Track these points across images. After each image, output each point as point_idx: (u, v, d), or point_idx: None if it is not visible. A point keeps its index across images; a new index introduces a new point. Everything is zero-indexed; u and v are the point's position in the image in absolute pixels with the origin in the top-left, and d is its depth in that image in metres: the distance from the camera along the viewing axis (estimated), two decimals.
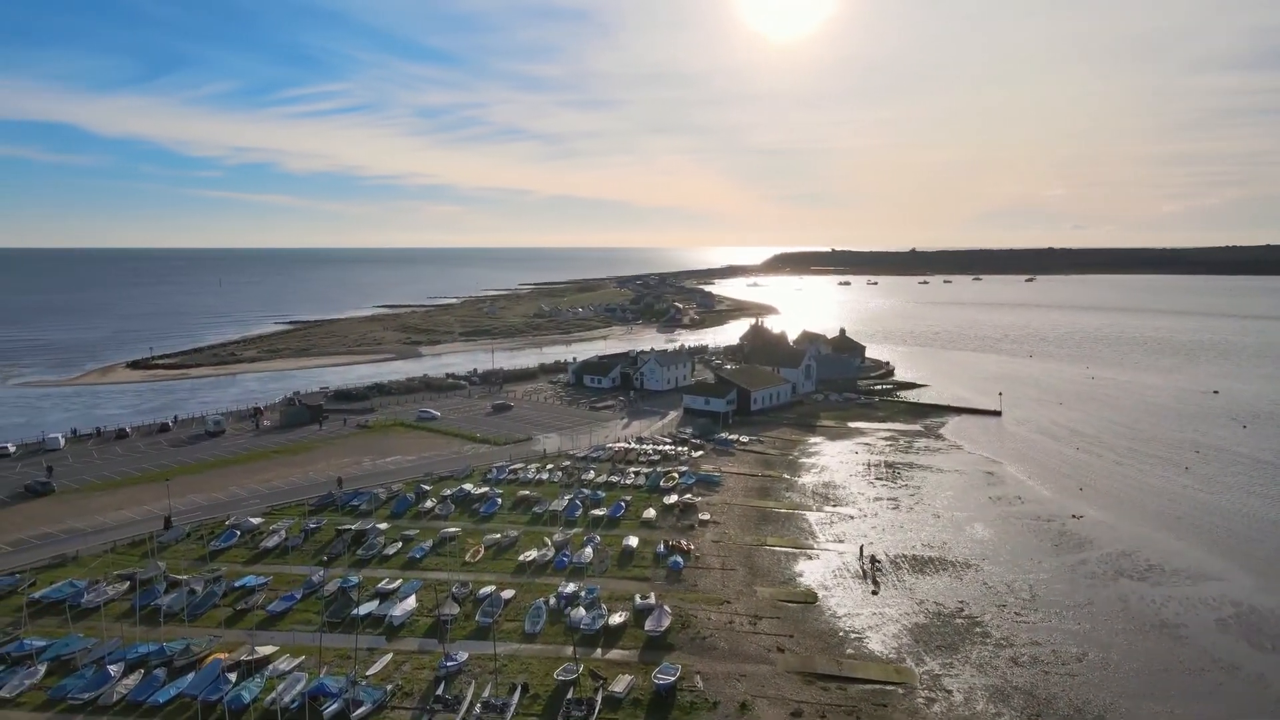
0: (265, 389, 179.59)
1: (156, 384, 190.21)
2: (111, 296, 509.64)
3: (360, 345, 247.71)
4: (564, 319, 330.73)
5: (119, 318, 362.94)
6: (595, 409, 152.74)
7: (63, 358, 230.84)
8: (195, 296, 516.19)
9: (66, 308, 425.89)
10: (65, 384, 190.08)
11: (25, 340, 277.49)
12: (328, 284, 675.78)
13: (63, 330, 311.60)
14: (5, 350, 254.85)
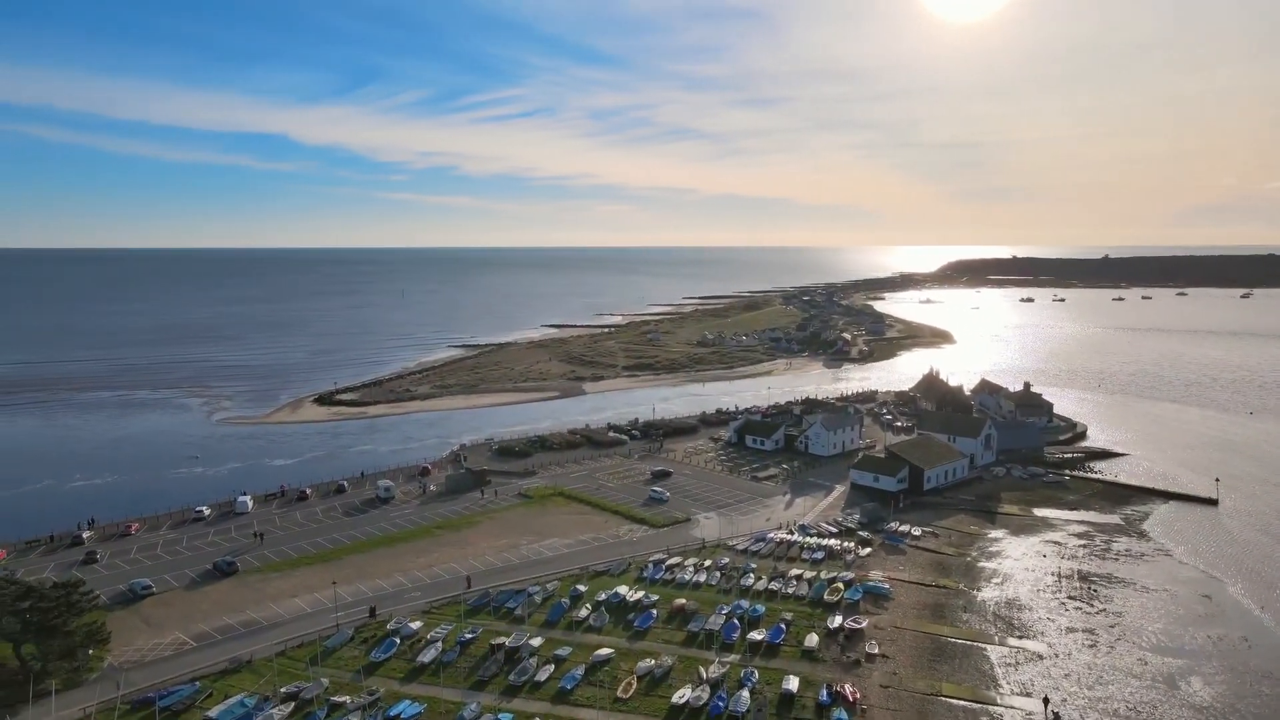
0: (436, 434, 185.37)
1: (339, 424, 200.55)
2: (307, 309, 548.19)
3: (526, 380, 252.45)
4: (727, 348, 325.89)
5: (312, 335, 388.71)
6: (757, 479, 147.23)
7: (261, 388, 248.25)
8: (380, 310, 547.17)
9: (269, 321, 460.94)
10: (260, 421, 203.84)
11: (232, 363, 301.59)
12: (499, 295, 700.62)
13: (264, 349, 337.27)
14: (217, 373, 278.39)
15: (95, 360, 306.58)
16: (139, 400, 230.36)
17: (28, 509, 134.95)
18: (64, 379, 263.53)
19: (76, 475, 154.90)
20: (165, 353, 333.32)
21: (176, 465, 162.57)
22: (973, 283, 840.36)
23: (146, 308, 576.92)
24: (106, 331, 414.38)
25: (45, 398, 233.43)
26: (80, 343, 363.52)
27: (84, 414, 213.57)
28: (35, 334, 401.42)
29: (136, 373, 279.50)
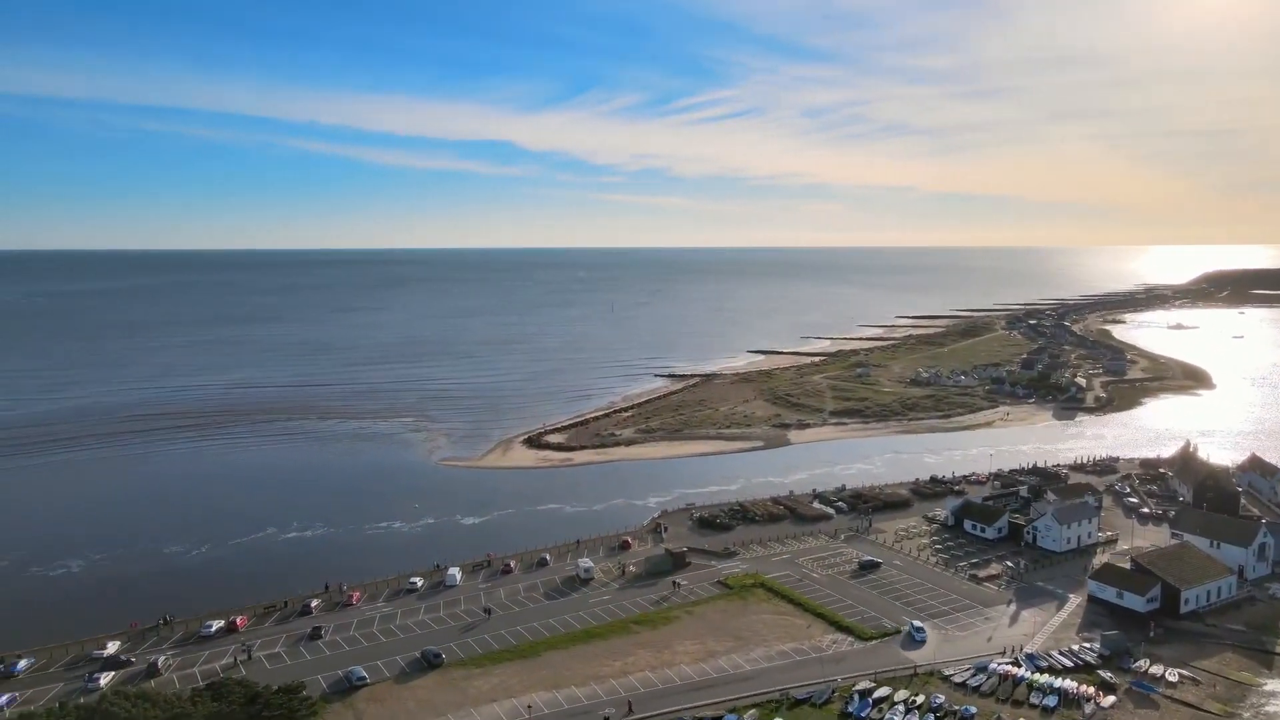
0: (639, 489, 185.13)
1: (546, 471, 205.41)
2: (525, 324, 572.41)
3: (730, 425, 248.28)
4: (943, 387, 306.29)
5: (529, 354, 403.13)
6: (977, 579, 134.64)
7: (476, 422, 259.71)
8: (591, 326, 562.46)
9: (492, 337, 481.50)
10: (474, 465, 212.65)
11: (455, 387, 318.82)
12: (707, 309, 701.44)
13: (484, 370, 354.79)
14: (441, 399, 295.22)
15: (336, 382, 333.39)
16: (368, 433, 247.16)
17: (255, 561, 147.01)
18: (307, 404, 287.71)
19: (295, 524, 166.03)
20: (398, 373, 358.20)
21: (399, 513, 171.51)
22: (1233, 300, 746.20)
23: (390, 319, 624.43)
24: (351, 345, 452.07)
25: (288, 426, 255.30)
26: (329, 360, 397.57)
27: (315, 446, 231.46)
28: (291, 348, 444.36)
29: (370, 397, 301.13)
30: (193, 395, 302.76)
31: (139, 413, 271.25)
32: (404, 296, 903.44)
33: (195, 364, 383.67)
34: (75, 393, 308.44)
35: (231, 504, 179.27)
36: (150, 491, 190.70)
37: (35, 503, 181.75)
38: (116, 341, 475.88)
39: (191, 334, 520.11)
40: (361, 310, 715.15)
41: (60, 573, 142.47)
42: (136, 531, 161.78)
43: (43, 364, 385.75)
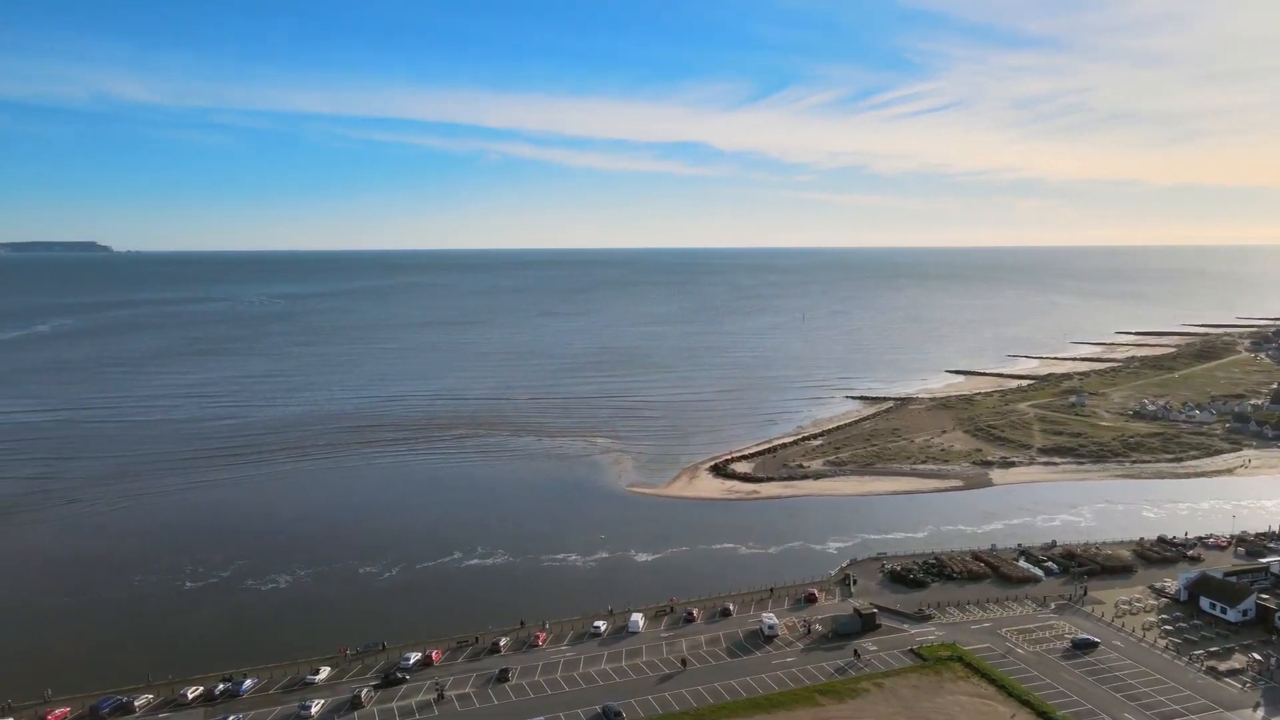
0: (827, 529, 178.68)
1: (731, 504, 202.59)
2: (718, 334, 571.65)
3: (926, 459, 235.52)
4: (1173, 423, 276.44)
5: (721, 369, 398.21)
6: (1216, 672, 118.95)
7: (665, 444, 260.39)
8: (782, 337, 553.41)
9: (684, 346, 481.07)
10: (661, 493, 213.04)
11: (647, 404, 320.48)
12: (904, 320, 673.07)
13: (677, 384, 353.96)
14: (632, 415, 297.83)
15: (533, 393, 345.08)
16: (560, 453, 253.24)
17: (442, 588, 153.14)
18: (504, 418, 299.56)
19: (480, 549, 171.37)
20: (592, 385, 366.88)
21: (577, 544, 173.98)
22: None
23: (586, 325, 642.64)
24: (548, 353, 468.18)
25: (484, 443, 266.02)
26: (528, 368, 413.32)
27: (508, 464, 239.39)
28: (492, 356, 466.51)
29: (564, 412, 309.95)
30: (401, 405, 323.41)
31: (350, 424, 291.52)
32: (601, 301, 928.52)
33: (405, 370, 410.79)
34: (298, 400, 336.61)
35: (423, 523, 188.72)
36: (352, 505, 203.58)
37: (256, 513, 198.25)
38: (339, 346, 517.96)
39: (404, 338, 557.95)
40: (560, 315, 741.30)
41: (270, 588, 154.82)
42: (337, 548, 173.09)
43: (274, 368, 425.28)
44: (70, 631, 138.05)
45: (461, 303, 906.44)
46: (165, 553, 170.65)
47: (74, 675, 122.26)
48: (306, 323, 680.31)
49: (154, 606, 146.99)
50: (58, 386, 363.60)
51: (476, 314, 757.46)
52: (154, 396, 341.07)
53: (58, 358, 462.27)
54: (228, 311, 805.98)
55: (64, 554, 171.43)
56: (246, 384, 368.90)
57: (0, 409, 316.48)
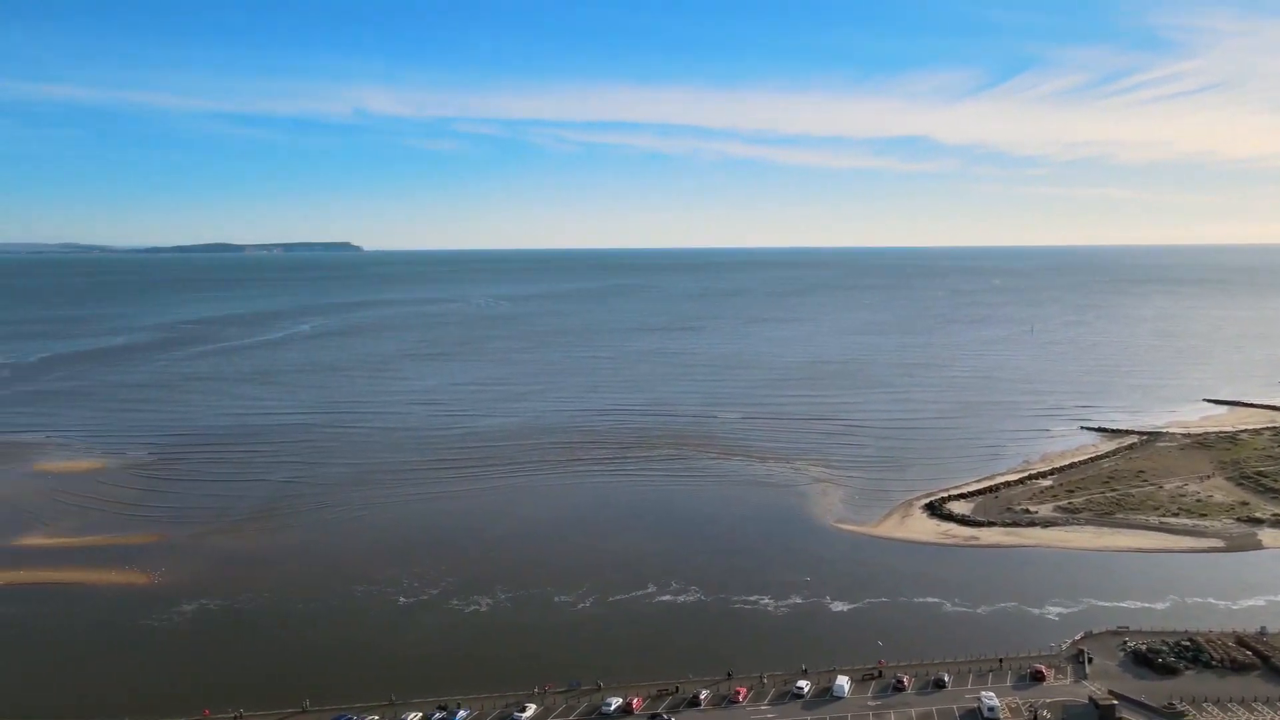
0: (1055, 591, 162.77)
1: (946, 550, 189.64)
2: (936, 345, 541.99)
3: (1177, 509, 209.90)
4: None
5: (939, 387, 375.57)
6: None
7: (879, 473, 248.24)
8: (1007, 351, 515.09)
9: (901, 361, 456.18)
10: (870, 531, 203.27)
11: (859, 423, 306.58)
12: (1154, 335, 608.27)
13: (895, 401, 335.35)
14: (844, 437, 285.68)
15: (743, 409, 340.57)
16: (766, 478, 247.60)
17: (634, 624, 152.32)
18: (711, 436, 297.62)
19: (673, 584, 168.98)
20: (803, 401, 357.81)
21: (770, 585, 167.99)
22: None
23: (798, 333, 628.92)
24: (758, 363, 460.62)
25: (691, 465, 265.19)
26: (738, 381, 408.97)
27: (711, 488, 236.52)
28: (702, 365, 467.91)
29: (773, 431, 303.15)
30: (610, 419, 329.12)
31: (561, 438, 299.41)
32: (811, 306, 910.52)
33: (617, 380, 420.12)
34: (514, 410, 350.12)
35: (621, 550, 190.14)
36: (554, 526, 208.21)
37: (466, 529, 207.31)
38: (556, 352, 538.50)
39: (617, 344, 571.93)
40: (770, 322, 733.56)
41: (472, 610, 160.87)
42: (536, 572, 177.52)
43: (495, 375, 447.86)
44: (295, 639, 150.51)
45: (674, 307, 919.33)
46: (387, 564, 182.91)
47: (291, 684, 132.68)
48: (527, 326, 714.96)
49: (372, 620, 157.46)
50: (310, 390, 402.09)
51: (688, 319, 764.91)
52: (390, 402, 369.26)
53: (311, 359, 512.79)
54: (457, 313, 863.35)
55: (308, 559, 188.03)
56: (469, 391, 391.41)
57: (267, 410, 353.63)
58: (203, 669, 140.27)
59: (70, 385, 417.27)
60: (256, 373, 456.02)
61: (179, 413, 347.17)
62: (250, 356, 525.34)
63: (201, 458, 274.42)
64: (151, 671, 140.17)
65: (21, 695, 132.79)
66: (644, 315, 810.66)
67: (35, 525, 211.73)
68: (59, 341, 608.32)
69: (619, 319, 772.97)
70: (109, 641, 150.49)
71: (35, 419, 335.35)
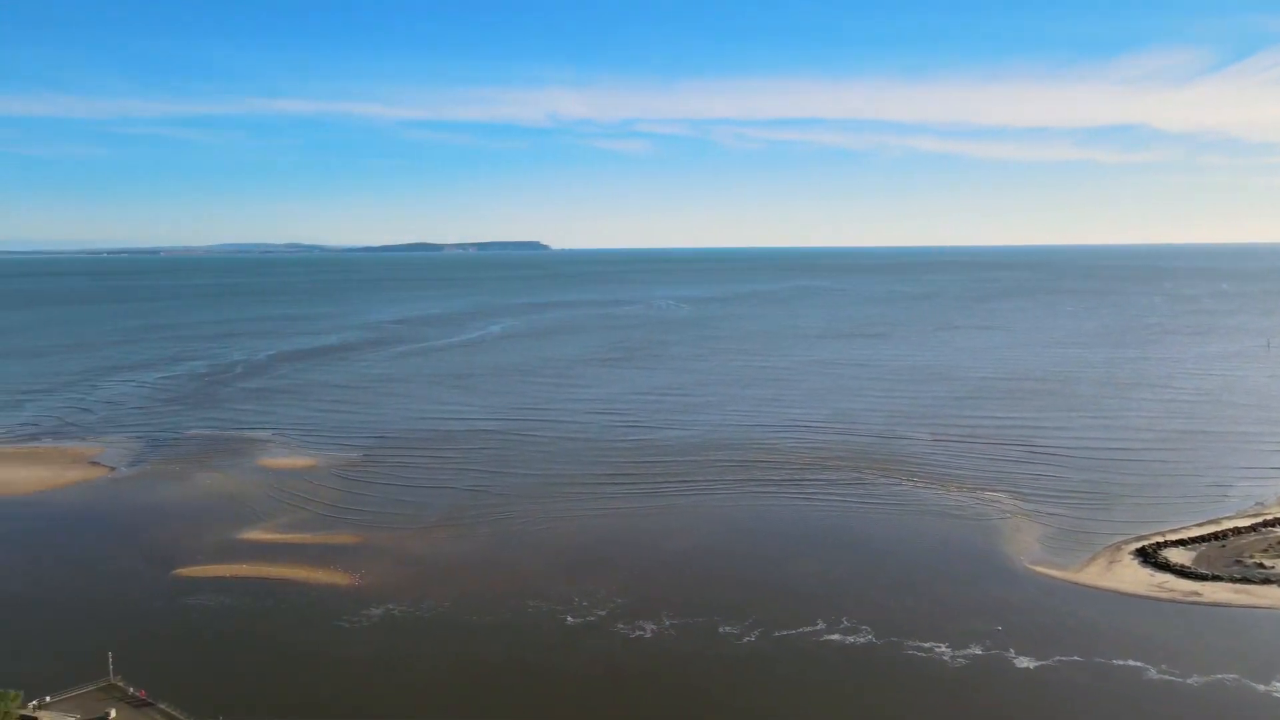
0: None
1: (1154, 604, 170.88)
2: (1151, 360, 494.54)
3: None
4: None
5: (1155, 412, 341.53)
6: None
7: (1080, 514, 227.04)
8: (1238, 371, 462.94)
9: (1110, 377, 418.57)
10: (1070, 578, 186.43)
11: (1058, 453, 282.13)
12: None
13: (1097, 430, 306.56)
14: (1035, 463, 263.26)
15: (930, 427, 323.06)
16: (953, 509, 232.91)
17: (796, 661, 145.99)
18: (895, 458, 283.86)
19: (844, 622, 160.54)
20: (996, 421, 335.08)
21: (948, 631, 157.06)
22: None
23: (993, 343, 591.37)
24: (950, 375, 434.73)
25: (873, 489, 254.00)
26: (925, 394, 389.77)
27: (892, 517, 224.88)
28: (888, 376, 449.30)
29: (963, 453, 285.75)
30: (788, 435, 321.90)
31: (736, 454, 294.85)
32: (1008, 312, 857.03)
33: (797, 392, 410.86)
34: (691, 423, 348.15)
35: (791, 580, 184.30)
36: (724, 549, 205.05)
37: (638, 548, 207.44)
38: (736, 359, 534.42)
39: (798, 352, 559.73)
40: (962, 329, 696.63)
41: (637, 635, 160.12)
42: (702, 598, 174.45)
43: (673, 383, 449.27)
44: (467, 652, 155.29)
45: (858, 311, 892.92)
46: (560, 580, 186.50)
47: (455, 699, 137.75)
48: (708, 330, 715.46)
49: (539, 639, 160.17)
50: (498, 395, 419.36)
51: (873, 325, 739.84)
52: (571, 410, 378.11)
53: (500, 361, 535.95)
54: (639, 316, 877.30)
55: (488, 570, 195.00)
56: (647, 401, 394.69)
57: (458, 414, 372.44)
58: (379, 676, 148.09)
59: (291, 383, 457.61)
60: (450, 374, 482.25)
61: (381, 414, 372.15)
62: (445, 358, 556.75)
63: (399, 460, 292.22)
64: (337, 674, 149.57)
65: (232, 686, 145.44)
66: (827, 321, 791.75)
67: (257, 520, 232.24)
68: (284, 340, 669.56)
69: (801, 324, 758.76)
70: (307, 641, 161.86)
71: (262, 416, 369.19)
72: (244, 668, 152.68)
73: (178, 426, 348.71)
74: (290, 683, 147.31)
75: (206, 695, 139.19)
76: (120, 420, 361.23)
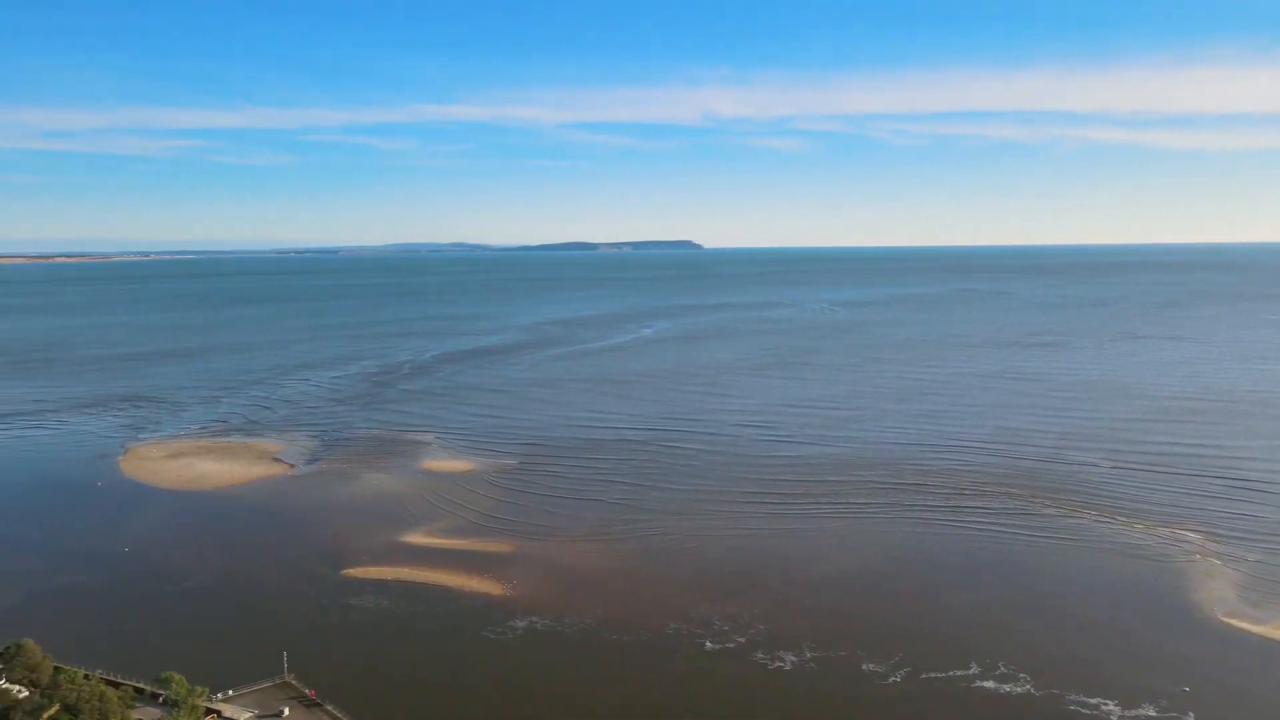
0: None
1: None
2: None
3: None
4: None
5: None
6: None
7: (1273, 564, 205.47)
8: None
9: None
10: (1263, 632, 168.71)
11: (1262, 490, 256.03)
12: None
13: None
14: (1241, 504, 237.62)
15: (1111, 456, 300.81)
16: (1131, 548, 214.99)
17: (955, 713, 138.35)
18: (1065, 486, 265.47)
19: (1000, 667, 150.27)
20: (1193, 445, 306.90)
21: (1117, 687, 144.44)
22: None
23: (1185, 355, 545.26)
24: (1129, 392, 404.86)
25: (1042, 519, 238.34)
26: (1100, 414, 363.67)
27: (1062, 552, 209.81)
28: (1060, 391, 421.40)
29: (1149, 483, 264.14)
30: (948, 453, 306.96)
31: (891, 473, 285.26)
32: (1201, 319, 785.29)
33: (959, 407, 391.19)
34: (844, 438, 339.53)
35: (941, 616, 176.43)
36: (871, 577, 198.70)
37: (783, 571, 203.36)
38: (893, 369, 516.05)
39: (961, 363, 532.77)
40: (1145, 339, 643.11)
41: (776, 666, 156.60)
42: (846, 630, 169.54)
43: (825, 395, 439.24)
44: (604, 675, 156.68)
45: (1028, 317, 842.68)
46: (702, 601, 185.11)
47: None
48: (862, 337, 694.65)
49: (677, 664, 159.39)
50: (648, 403, 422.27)
51: (1044, 333, 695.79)
52: (721, 421, 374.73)
53: (652, 367, 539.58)
54: (791, 320, 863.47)
55: (631, 586, 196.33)
56: (797, 413, 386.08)
57: (609, 421, 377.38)
58: (515, 695, 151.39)
59: (452, 384, 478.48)
60: (603, 379, 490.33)
61: (535, 418, 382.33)
62: (598, 361, 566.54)
63: (550, 468, 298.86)
64: (478, 689, 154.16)
65: (387, 694, 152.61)
66: (992, 328, 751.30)
67: (418, 522, 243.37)
68: (447, 339, 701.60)
69: (963, 331, 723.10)
70: (456, 652, 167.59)
71: (425, 418, 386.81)
72: (398, 675, 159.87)
73: (349, 425, 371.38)
74: (435, 696, 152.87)
75: (365, 699, 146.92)
76: (299, 419, 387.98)
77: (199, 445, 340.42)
